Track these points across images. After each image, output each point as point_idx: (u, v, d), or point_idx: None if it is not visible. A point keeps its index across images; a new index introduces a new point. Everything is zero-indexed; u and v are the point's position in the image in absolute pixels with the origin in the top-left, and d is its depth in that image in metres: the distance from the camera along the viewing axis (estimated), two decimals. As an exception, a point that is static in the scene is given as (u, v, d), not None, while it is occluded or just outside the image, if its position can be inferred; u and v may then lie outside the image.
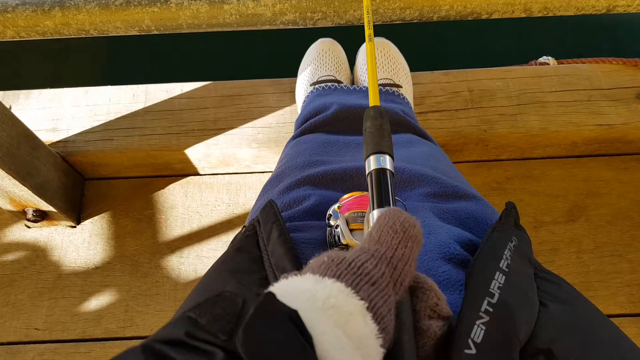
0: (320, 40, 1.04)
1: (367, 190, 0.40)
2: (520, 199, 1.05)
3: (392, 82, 0.98)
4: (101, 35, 0.71)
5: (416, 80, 1.10)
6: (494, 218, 0.54)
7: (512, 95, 1.07)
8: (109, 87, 1.10)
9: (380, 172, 0.39)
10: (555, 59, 1.16)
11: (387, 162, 0.40)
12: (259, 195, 0.68)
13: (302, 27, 0.74)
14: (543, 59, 1.16)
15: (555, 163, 1.09)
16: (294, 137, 0.81)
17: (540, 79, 1.09)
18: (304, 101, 0.95)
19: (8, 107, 1.06)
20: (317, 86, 0.95)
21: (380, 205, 0.36)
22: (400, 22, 0.73)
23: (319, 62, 1.01)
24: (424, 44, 1.66)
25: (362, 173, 0.61)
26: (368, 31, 0.60)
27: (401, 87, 0.98)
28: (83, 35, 0.71)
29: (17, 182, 0.85)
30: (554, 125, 1.03)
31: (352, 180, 0.60)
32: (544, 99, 1.06)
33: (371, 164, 0.40)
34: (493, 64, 1.19)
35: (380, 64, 0.99)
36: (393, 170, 0.39)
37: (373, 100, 0.48)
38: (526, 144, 1.05)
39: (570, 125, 1.02)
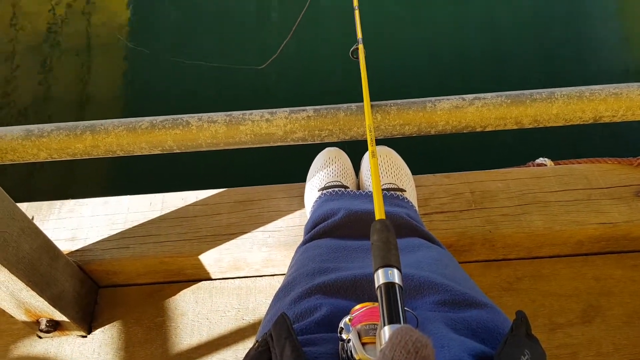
0: (327, 149, 1.11)
1: (377, 301, 0.41)
2: (532, 299, 1.04)
3: (396, 187, 1.02)
4: (126, 155, 0.77)
5: (419, 182, 1.15)
6: (506, 326, 0.55)
7: (514, 196, 1.11)
8: (128, 196, 1.16)
9: (389, 286, 0.41)
10: (552, 160, 1.22)
11: (395, 276, 0.42)
12: (271, 304, 0.69)
13: (311, 142, 0.80)
14: (540, 160, 1.22)
15: (564, 262, 1.09)
16: (303, 243, 0.84)
17: (540, 179, 1.13)
18: (313, 206, 0.99)
19: (31, 217, 1.11)
20: (325, 191, 1.00)
21: (391, 321, 0.38)
22: (401, 136, 0.79)
23: (326, 169, 1.06)
24: (424, 148, 1.75)
25: (371, 280, 0.62)
26: (371, 148, 0.65)
27: (405, 191, 1.02)
28: (110, 156, 0.77)
29: (34, 294, 0.87)
30: (558, 224, 1.05)
31: (363, 288, 0.62)
32: (545, 199, 1.09)
33: (380, 278, 0.42)
34: (491, 165, 1.25)
35: (384, 171, 1.04)
36: (402, 284, 0.41)
37: (378, 213, 0.52)
38: (532, 243, 1.07)
39: (573, 224, 1.05)
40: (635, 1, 2.57)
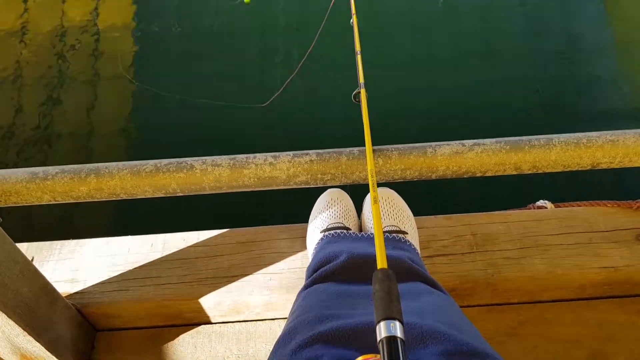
0: (329, 190, 1.11)
1: (379, 353, 0.41)
2: (535, 345, 1.03)
3: (397, 229, 1.02)
4: (129, 198, 0.78)
5: (420, 224, 1.15)
6: None
7: (515, 239, 1.11)
8: (129, 237, 1.16)
9: (391, 340, 0.41)
10: (552, 202, 1.22)
11: (397, 329, 0.42)
12: (272, 352, 0.68)
13: (313, 186, 0.81)
14: (540, 202, 1.23)
15: (567, 306, 1.08)
16: (305, 287, 0.83)
17: (540, 222, 1.14)
18: (315, 248, 0.99)
19: (31, 258, 1.11)
20: (327, 233, 1.00)
21: (394, 375, 0.38)
22: (402, 180, 0.80)
23: (328, 210, 1.07)
24: (425, 188, 1.76)
25: (373, 330, 0.62)
26: (373, 194, 0.66)
27: (407, 233, 1.02)
28: (113, 199, 0.77)
29: (31, 339, 0.86)
30: (560, 268, 1.05)
31: (364, 337, 0.61)
32: (546, 242, 1.09)
33: (382, 331, 0.42)
34: (492, 205, 1.26)
35: (386, 212, 1.04)
36: (404, 338, 0.41)
37: (380, 262, 0.52)
38: (535, 287, 1.06)
39: (575, 268, 1.04)
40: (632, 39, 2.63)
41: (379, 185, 1.08)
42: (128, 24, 2.85)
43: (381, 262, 0.52)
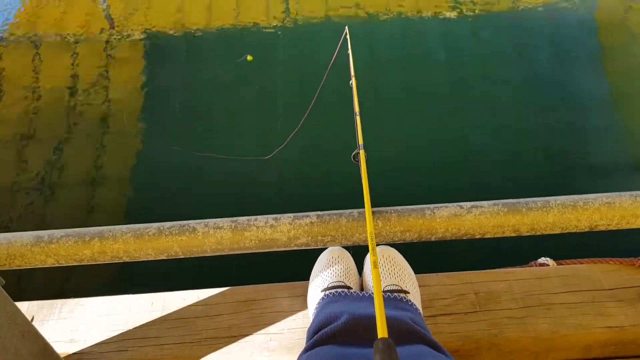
0: (330, 248, 1.12)
1: None
2: (543, 409, 1.00)
3: (399, 289, 1.02)
4: (131, 261, 0.79)
5: (422, 282, 1.15)
6: None
7: (518, 298, 1.10)
8: (130, 296, 1.16)
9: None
10: (554, 259, 1.22)
11: (397, 403, 0.42)
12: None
13: (314, 247, 0.81)
14: (542, 260, 1.22)
15: (574, 368, 1.06)
16: (305, 350, 0.82)
17: (543, 280, 1.13)
18: (316, 307, 0.98)
19: (31, 318, 1.10)
20: (328, 292, 1.00)
21: None
22: (402, 242, 0.81)
23: (329, 269, 1.07)
24: (426, 245, 1.76)
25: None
26: (373, 258, 0.67)
27: (408, 292, 1.01)
28: (115, 261, 0.78)
29: (27, 403, 0.84)
30: (564, 328, 1.03)
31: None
32: (549, 300, 1.08)
33: (382, 405, 0.42)
34: (493, 262, 1.25)
35: (387, 272, 1.04)
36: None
37: (381, 331, 0.52)
38: (539, 347, 1.04)
39: (580, 328, 1.03)
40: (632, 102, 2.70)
41: (380, 245, 1.08)
42: (136, 78, 2.96)
43: (382, 331, 0.52)
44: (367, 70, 2.84)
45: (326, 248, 1.10)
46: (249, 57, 2.87)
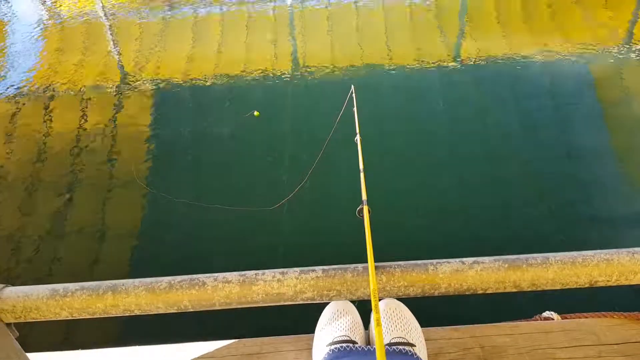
0: (334, 301, 1.13)
1: None
2: None
3: (405, 341, 1.02)
4: (142, 314, 0.81)
5: (427, 336, 1.15)
6: None
7: (523, 352, 1.09)
8: (133, 347, 1.16)
9: None
10: (558, 313, 1.22)
11: None
12: None
13: (319, 302, 0.83)
14: (547, 314, 1.23)
15: None
16: (312, 406, 0.83)
17: (548, 334, 1.13)
18: (321, 364, 0.98)
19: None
20: (333, 347, 1.00)
21: None
22: (405, 297, 0.83)
23: (334, 323, 1.07)
24: (430, 297, 1.75)
25: None
26: (376, 315, 0.68)
27: (415, 345, 1.02)
28: (127, 314, 0.80)
29: None
30: (571, 384, 1.02)
31: None
32: (555, 355, 1.08)
33: None
34: (498, 313, 1.25)
35: (393, 324, 1.05)
36: None
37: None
38: (547, 404, 1.03)
39: (587, 385, 1.02)
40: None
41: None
42: (144, 130, 3.06)
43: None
44: (371, 122, 2.93)
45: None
46: (256, 113, 2.97)
